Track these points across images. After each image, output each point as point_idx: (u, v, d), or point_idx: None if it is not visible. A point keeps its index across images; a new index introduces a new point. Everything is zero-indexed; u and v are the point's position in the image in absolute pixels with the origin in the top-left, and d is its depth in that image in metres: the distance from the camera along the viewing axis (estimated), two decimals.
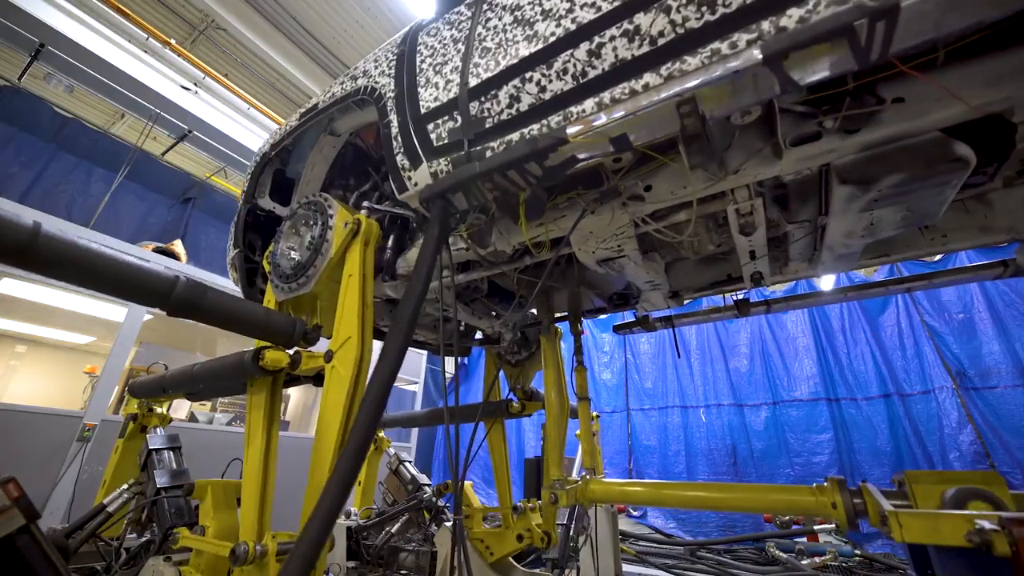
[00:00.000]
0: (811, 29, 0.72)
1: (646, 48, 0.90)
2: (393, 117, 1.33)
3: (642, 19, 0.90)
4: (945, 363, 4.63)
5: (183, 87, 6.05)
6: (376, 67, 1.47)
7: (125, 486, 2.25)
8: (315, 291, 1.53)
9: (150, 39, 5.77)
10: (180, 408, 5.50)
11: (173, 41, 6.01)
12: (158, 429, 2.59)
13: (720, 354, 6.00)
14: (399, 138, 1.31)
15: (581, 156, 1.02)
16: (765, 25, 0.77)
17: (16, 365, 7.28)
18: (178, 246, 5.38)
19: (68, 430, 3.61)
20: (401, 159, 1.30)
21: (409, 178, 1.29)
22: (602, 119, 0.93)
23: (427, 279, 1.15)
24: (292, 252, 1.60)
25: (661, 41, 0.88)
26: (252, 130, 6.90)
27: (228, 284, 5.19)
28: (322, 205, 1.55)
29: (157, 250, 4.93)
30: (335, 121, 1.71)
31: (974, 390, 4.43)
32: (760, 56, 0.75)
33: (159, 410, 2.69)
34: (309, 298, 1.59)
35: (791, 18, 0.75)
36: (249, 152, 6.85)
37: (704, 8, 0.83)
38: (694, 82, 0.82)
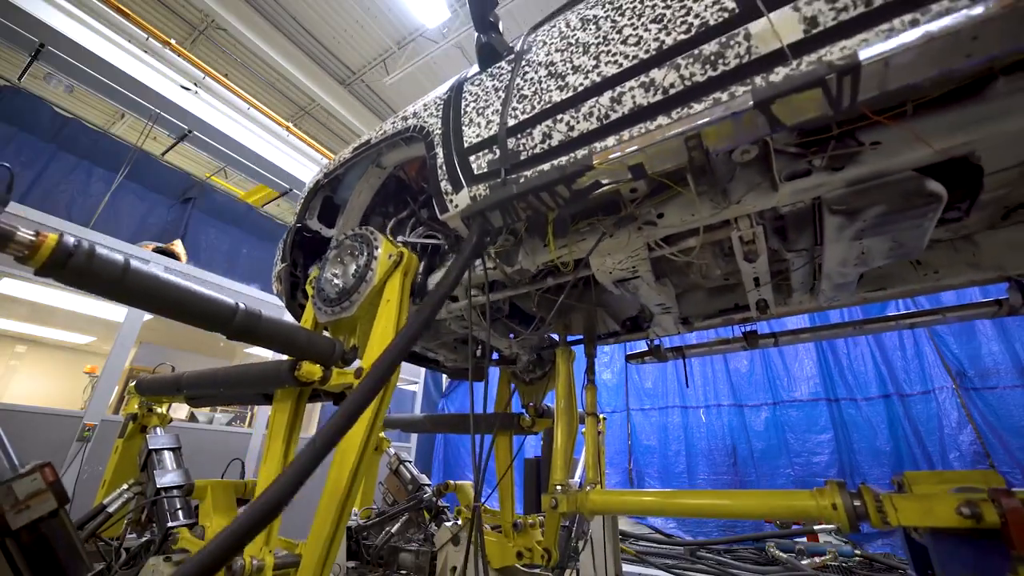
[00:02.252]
0: (791, 81, 0.89)
1: (659, 96, 1.07)
2: (439, 150, 1.54)
3: (656, 73, 1.08)
4: (945, 363, 4.63)
5: (183, 87, 6.05)
6: (425, 110, 1.69)
7: (125, 486, 2.25)
8: (356, 315, 1.65)
9: (150, 39, 5.77)
10: (180, 408, 5.51)
11: (173, 41, 6.01)
12: (158, 429, 2.59)
13: (720, 354, 6.00)
14: (444, 167, 1.50)
15: (604, 181, 1.17)
16: (758, 80, 0.94)
17: (16, 365, 7.28)
18: (178, 246, 5.38)
19: (68, 430, 3.61)
20: (445, 184, 1.49)
21: (451, 201, 1.47)
22: (622, 151, 1.10)
23: (459, 275, 1.29)
24: (336, 279, 1.74)
25: (672, 91, 1.05)
26: (252, 130, 6.90)
27: (230, 284, 5.19)
28: (368, 238, 1.70)
29: (157, 250, 4.92)
30: (383, 155, 1.91)
31: (974, 390, 4.43)
32: (752, 102, 0.92)
33: (159, 410, 2.69)
34: (349, 321, 1.70)
35: (778, 75, 0.91)
36: (249, 152, 6.85)
37: (707, 66, 1.00)
38: (700, 121, 0.99)
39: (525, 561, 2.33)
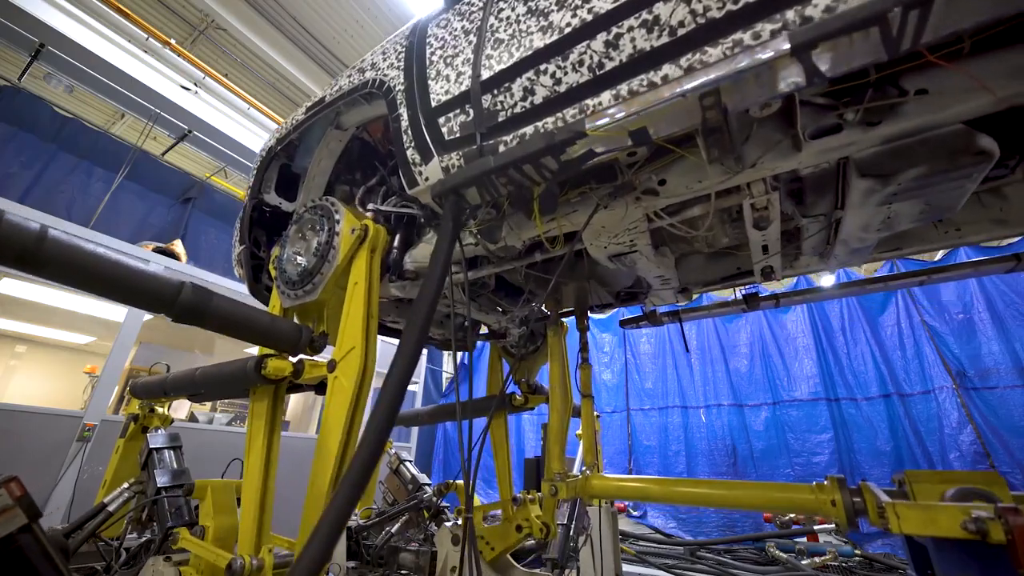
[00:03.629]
0: (843, 18, 0.70)
1: (665, 39, 0.87)
2: (403, 111, 1.31)
3: (661, 8, 0.87)
4: (945, 363, 4.63)
5: (183, 87, 6.05)
6: (384, 59, 1.44)
7: (125, 485, 2.25)
8: (321, 298, 1.51)
9: (150, 39, 5.77)
10: (180, 408, 5.50)
11: (173, 41, 6.01)
12: (159, 429, 2.59)
13: (720, 354, 5.99)
14: (409, 132, 1.28)
15: (599, 150, 0.99)
16: (790, 15, 0.75)
17: (16, 365, 7.28)
18: (178, 246, 5.38)
19: (68, 430, 3.61)
20: (412, 153, 1.28)
21: (420, 173, 1.27)
22: (622, 112, 0.90)
23: (441, 279, 1.14)
24: (298, 258, 1.57)
25: (681, 32, 0.85)
26: (252, 130, 6.90)
27: (229, 284, 5.19)
28: (328, 209, 1.52)
29: (157, 250, 4.92)
30: (342, 115, 1.68)
31: (974, 390, 4.43)
32: (788, 46, 0.73)
33: (160, 410, 2.69)
34: (315, 305, 1.57)
35: (817, 7, 0.73)
36: (249, 152, 6.85)
37: None
38: (720, 73, 0.80)
39: (525, 533, 2.30)
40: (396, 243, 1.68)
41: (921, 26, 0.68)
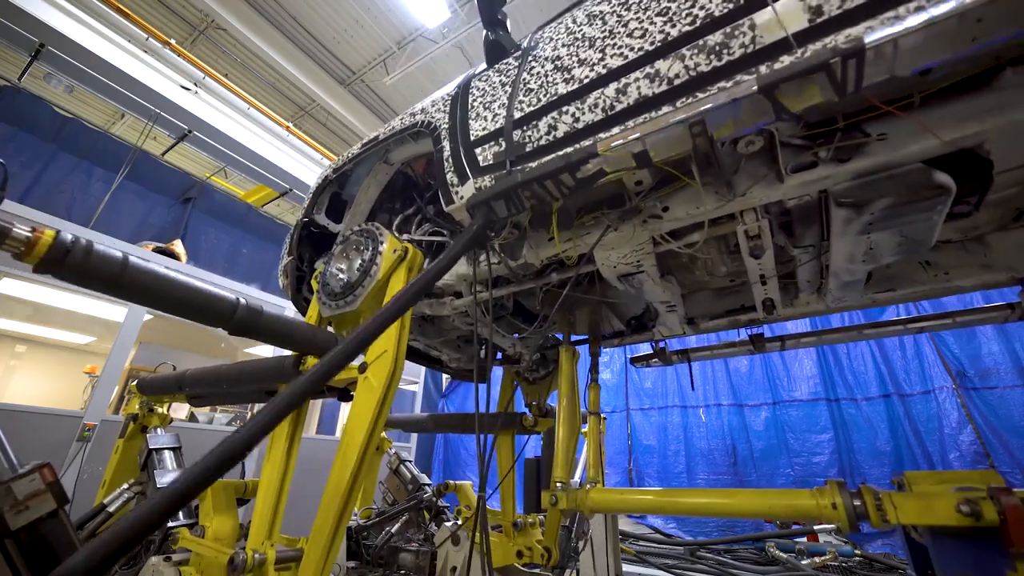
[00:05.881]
0: (795, 65, 0.89)
1: (664, 87, 1.09)
2: (446, 144, 1.58)
3: (661, 64, 1.10)
4: (945, 363, 4.63)
5: (183, 87, 6.05)
6: (433, 106, 1.73)
7: (125, 486, 2.25)
8: (360, 309, 1.65)
9: (150, 39, 5.77)
10: (180, 408, 5.50)
11: (173, 41, 6.00)
12: (158, 429, 2.59)
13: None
14: (450, 160, 1.54)
15: (608, 169, 1.18)
16: (763, 69, 0.95)
17: (16, 365, 7.28)
18: (178, 246, 5.38)
19: (68, 430, 3.60)
20: (451, 177, 1.53)
21: (456, 192, 1.51)
22: (626, 138, 1.12)
23: (455, 257, 1.31)
24: (341, 273, 1.75)
25: (677, 81, 1.07)
26: (252, 130, 6.90)
27: (230, 284, 5.18)
28: (374, 233, 1.72)
29: (157, 250, 4.92)
30: (391, 151, 1.93)
31: (974, 390, 4.43)
32: (756, 87, 0.93)
33: (160, 410, 2.69)
34: (353, 315, 1.71)
35: (783, 63, 0.93)
36: (249, 152, 6.85)
37: (712, 56, 1.02)
38: (704, 107, 1.00)
39: (525, 560, 2.33)
40: (426, 265, 1.84)
41: (860, 72, 0.85)
